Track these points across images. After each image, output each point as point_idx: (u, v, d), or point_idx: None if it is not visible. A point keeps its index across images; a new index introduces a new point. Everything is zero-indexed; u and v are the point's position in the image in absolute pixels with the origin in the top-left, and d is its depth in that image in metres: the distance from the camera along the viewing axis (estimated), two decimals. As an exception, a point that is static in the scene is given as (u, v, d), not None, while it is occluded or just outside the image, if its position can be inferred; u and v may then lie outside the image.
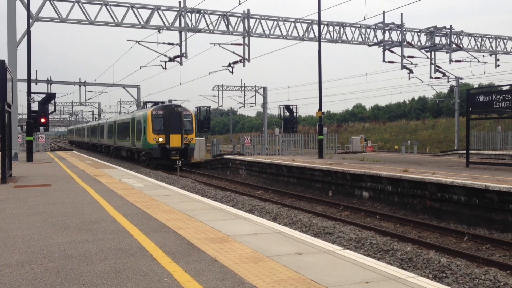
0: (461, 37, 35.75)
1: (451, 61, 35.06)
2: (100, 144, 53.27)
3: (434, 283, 4.98)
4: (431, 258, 8.97)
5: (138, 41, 30.50)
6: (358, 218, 14.19)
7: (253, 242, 6.73)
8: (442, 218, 13.68)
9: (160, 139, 31.16)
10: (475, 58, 36.91)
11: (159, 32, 28.78)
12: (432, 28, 34.43)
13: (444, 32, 34.69)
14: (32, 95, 26.14)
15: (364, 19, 28.91)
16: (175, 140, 31.37)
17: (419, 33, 34.52)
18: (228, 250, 6.24)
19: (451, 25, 34.63)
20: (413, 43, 33.97)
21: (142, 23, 27.90)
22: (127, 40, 30.64)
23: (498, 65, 38.15)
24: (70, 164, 24.57)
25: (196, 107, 47.23)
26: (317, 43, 26.94)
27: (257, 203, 16.07)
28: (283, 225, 12.56)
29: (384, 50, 33.00)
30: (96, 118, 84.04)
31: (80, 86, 55.56)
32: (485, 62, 37.96)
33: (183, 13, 28.63)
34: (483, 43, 36.76)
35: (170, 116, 31.64)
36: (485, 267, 8.62)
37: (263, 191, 20.80)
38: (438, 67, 35.22)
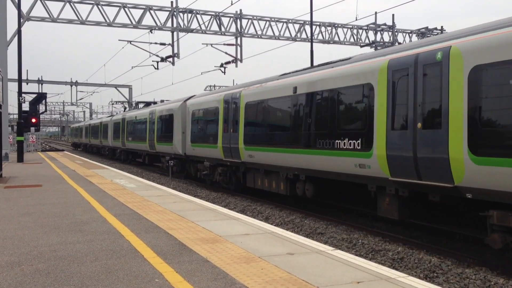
0: (452, 38, 36.00)
1: (442, 62, 35.29)
2: (156, 153, 26.76)
3: (425, 283, 5.01)
4: (422, 258, 9.01)
5: (130, 41, 30.44)
6: (350, 218, 14.22)
7: (244, 242, 6.73)
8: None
9: None
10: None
11: (151, 32, 28.72)
12: (423, 29, 34.64)
13: (436, 33, 34.90)
14: (23, 95, 25.98)
15: (356, 19, 29.01)
16: None
17: (410, 34, 34.71)
18: (220, 251, 6.23)
19: (442, 26, 34.88)
20: (404, 43, 34.16)
21: (134, 23, 27.83)
22: (119, 40, 30.58)
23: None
24: (61, 164, 24.44)
25: None
26: (309, 43, 26.99)
27: (249, 204, 16.07)
28: (275, 225, 12.57)
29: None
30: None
31: (71, 86, 55.35)
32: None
33: (175, 13, 28.59)
34: (474, 44, 37.02)
35: None
36: (476, 267, 8.67)
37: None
38: (430, 68, 35.39)
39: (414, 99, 9.44)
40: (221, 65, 32.10)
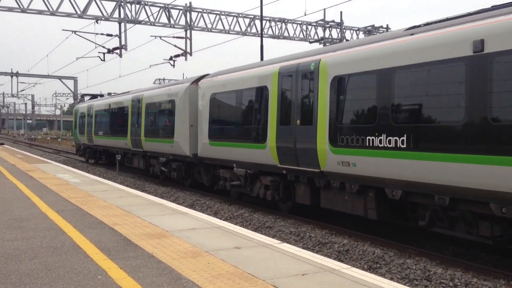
0: (397, 36, 37.13)
1: (387, 59, 36.34)
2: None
3: (367, 274, 5.14)
4: (367, 250, 9.26)
5: (75, 31, 29.44)
6: (298, 212, 14.41)
7: (191, 237, 6.68)
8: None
9: None
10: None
11: (97, 23, 27.88)
12: (370, 27, 35.53)
13: (382, 31, 35.85)
14: (-42, 85, 24.60)
15: (305, 14, 29.37)
16: None
17: (357, 32, 35.51)
18: (166, 246, 6.14)
19: (387, 25, 35.92)
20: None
21: (79, 12, 26.90)
22: (63, 29, 29.59)
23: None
24: (0, 158, 23.38)
25: None
26: (259, 38, 27.06)
27: (198, 198, 15.96)
28: (223, 219, 12.55)
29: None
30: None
31: (12, 76, 52.97)
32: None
33: (122, 3, 27.86)
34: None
35: None
36: (416, 257, 9.00)
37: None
38: (376, 65, 36.36)
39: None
40: (170, 58, 31.61)
